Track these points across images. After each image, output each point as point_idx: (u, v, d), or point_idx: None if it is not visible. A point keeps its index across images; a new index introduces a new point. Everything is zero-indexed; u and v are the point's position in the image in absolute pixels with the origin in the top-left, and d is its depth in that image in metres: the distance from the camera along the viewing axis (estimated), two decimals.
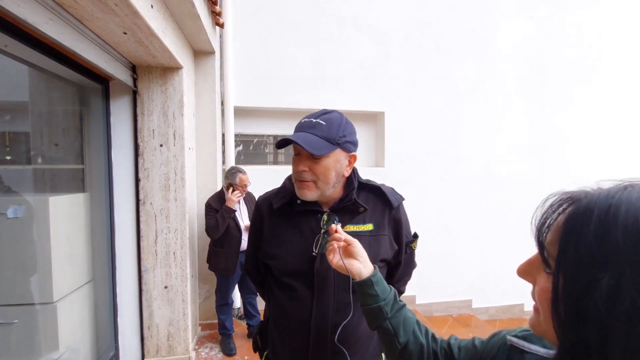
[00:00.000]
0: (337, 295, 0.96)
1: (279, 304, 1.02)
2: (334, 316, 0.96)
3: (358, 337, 0.99)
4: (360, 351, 1.01)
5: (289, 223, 1.02)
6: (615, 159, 4.26)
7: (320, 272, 0.96)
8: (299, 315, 0.97)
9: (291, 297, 0.99)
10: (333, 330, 0.94)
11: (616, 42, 4.27)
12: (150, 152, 2.42)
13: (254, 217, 1.12)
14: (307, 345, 0.97)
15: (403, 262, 1.11)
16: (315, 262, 0.97)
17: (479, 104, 3.93)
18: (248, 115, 3.65)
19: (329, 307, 0.96)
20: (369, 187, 1.06)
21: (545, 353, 0.49)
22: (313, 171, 0.93)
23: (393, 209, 1.05)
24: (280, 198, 1.04)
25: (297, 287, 0.98)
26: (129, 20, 1.63)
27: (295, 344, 1.00)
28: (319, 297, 0.97)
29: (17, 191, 1.87)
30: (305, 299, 0.97)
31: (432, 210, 3.89)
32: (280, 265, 1.02)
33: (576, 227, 0.35)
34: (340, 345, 0.91)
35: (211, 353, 2.83)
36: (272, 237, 1.04)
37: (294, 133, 0.94)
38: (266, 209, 1.07)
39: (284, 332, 1.03)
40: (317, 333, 0.96)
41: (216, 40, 3.11)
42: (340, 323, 0.92)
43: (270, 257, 1.04)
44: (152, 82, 2.40)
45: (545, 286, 0.39)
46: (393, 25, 3.69)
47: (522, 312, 4.22)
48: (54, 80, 2.08)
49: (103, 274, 2.41)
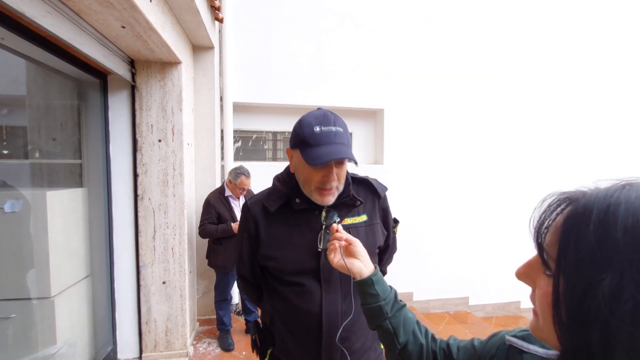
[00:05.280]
0: (343, 285, 1.01)
1: (286, 300, 1.03)
2: (343, 304, 1.00)
3: (362, 323, 1.02)
4: (364, 335, 1.06)
5: (288, 224, 1.03)
6: (615, 159, 4.28)
7: (326, 266, 0.98)
8: (309, 307, 1.00)
9: (299, 292, 1.01)
10: (343, 319, 0.98)
11: (616, 41, 4.27)
12: (149, 148, 2.42)
13: (246, 222, 1.08)
14: (320, 335, 0.99)
15: (390, 246, 1.19)
16: (321, 257, 0.99)
17: (478, 101, 3.93)
18: (247, 111, 3.64)
19: (337, 297, 1.00)
20: (358, 180, 1.11)
21: (544, 353, 0.48)
22: (338, 178, 0.97)
23: (381, 199, 1.12)
24: (275, 200, 1.04)
25: (305, 283, 1.01)
26: (127, 14, 1.62)
27: (307, 336, 1.01)
28: (327, 289, 1.00)
29: (14, 186, 1.86)
30: (314, 292, 1.00)
31: (430, 207, 3.89)
32: (283, 266, 1.02)
33: (575, 227, 0.35)
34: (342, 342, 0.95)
35: (209, 348, 2.84)
36: (271, 239, 1.04)
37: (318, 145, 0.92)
38: (260, 213, 1.05)
39: (295, 326, 1.03)
40: (329, 323, 0.99)
41: (215, 35, 3.09)
42: (347, 311, 0.98)
43: (270, 259, 1.04)
44: (150, 77, 2.39)
45: (545, 289, 0.38)
46: (393, 21, 3.67)
47: (518, 310, 4.25)
48: (51, 74, 2.07)
49: (101, 269, 2.40)
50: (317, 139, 0.92)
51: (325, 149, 0.91)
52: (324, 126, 0.94)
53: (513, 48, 3.99)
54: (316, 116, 0.96)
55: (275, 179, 1.10)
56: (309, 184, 0.97)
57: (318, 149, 0.91)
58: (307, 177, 0.96)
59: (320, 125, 0.94)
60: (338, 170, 0.95)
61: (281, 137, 3.88)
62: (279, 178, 1.09)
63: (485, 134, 3.98)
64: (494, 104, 3.98)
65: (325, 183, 0.95)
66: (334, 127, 0.94)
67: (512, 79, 4.01)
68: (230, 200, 2.83)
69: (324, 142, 0.92)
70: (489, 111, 3.97)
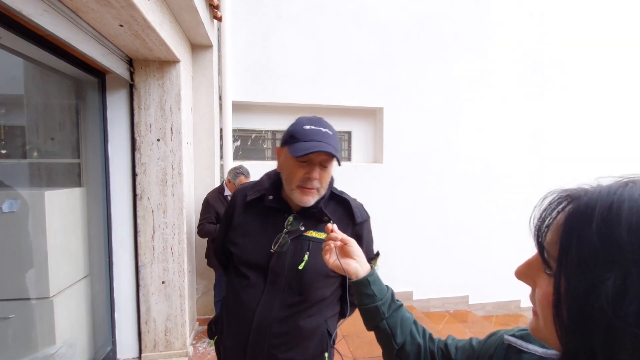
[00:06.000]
0: (285, 293, 1.01)
1: (234, 289, 1.08)
2: (278, 311, 1.00)
3: (298, 335, 1.02)
4: (301, 347, 1.03)
5: (256, 217, 1.08)
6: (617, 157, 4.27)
7: (274, 269, 1.01)
8: (249, 302, 1.02)
9: (244, 284, 1.05)
10: (275, 323, 0.99)
11: (614, 38, 4.26)
12: (147, 147, 2.41)
13: (229, 204, 1.16)
14: (249, 332, 1.01)
15: None
16: (272, 258, 1.01)
17: (478, 100, 3.92)
18: (246, 110, 3.63)
19: (275, 302, 1.01)
20: (338, 198, 1.11)
21: (543, 353, 0.47)
22: (321, 179, 0.99)
23: (356, 225, 1.09)
24: (255, 192, 1.09)
25: (251, 277, 1.04)
26: (125, 13, 1.61)
27: (238, 329, 1.04)
28: (269, 290, 1.02)
29: (13, 185, 1.85)
30: (257, 289, 1.03)
31: (430, 206, 3.89)
32: (241, 254, 1.07)
33: (578, 225, 0.34)
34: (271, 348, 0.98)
35: (209, 348, 2.84)
36: (238, 226, 1.09)
37: (304, 141, 0.95)
38: (240, 199, 1.12)
39: (231, 317, 1.07)
40: (259, 324, 1.00)
41: (214, 34, 3.08)
42: (282, 318, 0.99)
43: (233, 244, 1.09)
44: (149, 75, 2.38)
45: (546, 289, 0.37)
46: (393, 20, 3.66)
47: (518, 309, 4.25)
48: (49, 73, 2.06)
49: (100, 269, 2.40)
50: (305, 135, 0.96)
51: (310, 144, 0.94)
52: (314, 126, 0.97)
53: (512, 44, 3.98)
54: (309, 118, 1.01)
55: (265, 174, 1.15)
56: (292, 181, 0.99)
57: (304, 143, 0.94)
58: (290, 173, 0.99)
59: (311, 125, 0.98)
60: (322, 172, 0.98)
61: (280, 136, 3.87)
62: (268, 173, 1.14)
63: (486, 133, 3.97)
64: (495, 103, 3.97)
65: (307, 181, 0.97)
66: (324, 129, 0.98)
67: (511, 78, 4.00)
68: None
69: (312, 139, 0.95)
70: (490, 110, 3.97)
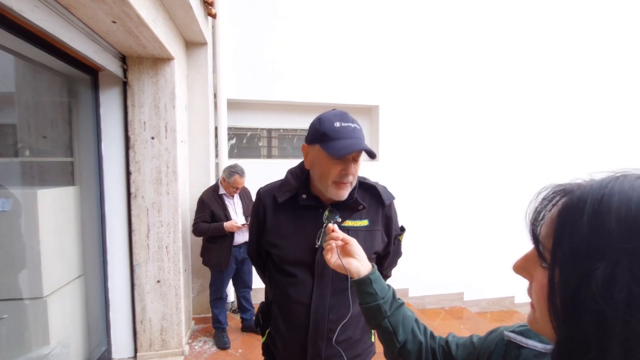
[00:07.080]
0: (335, 281, 1.06)
1: (281, 288, 1.11)
2: (332, 299, 1.06)
3: (351, 315, 1.06)
4: (354, 325, 1.11)
5: (292, 216, 1.10)
6: (609, 154, 4.32)
7: (320, 262, 1.03)
8: (301, 297, 1.07)
9: (293, 282, 1.08)
10: (331, 311, 1.05)
11: (618, 40, 4.30)
12: (142, 145, 2.39)
13: (257, 208, 1.18)
14: (307, 324, 1.06)
15: (391, 253, 1.24)
16: (317, 253, 1.05)
17: (474, 97, 3.94)
18: (241, 108, 3.61)
19: (327, 292, 1.06)
20: (365, 185, 1.16)
21: (543, 348, 0.48)
22: (354, 173, 1.03)
23: (385, 207, 1.16)
24: (285, 192, 1.10)
25: (299, 274, 1.07)
26: (117, 8, 1.59)
27: (296, 322, 1.08)
28: (319, 283, 1.06)
29: (4, 184, 1.82)
30: (307, 285, 1.06)
31: (425, 203, 3.91)
32: (283, 255, 1.09)
33: (570, 218, 0.35)
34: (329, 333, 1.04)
35: (205, 347, 2.83)
36: (275, 228, 1.11)
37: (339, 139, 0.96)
38: (269, 201, 1.13)
39: (287, 312, 1.11)
40: (316, 313, 1.05)
41: (208, 31, 3.06)
42: (336, 304, 1.05)
43: (273, 246, 1.11)
44: (142, 73, 2.35)
45: (542, 281, 0.38)
46: (389, 18, 3.66)
47: (512, 305, 4.30)
48: (41, 71, 2.03)
49: (94, 269, 2.38)
50: (338, 133, 0.97)
51: (346, 142, 0.96)
52: (343, 122, 1.00)
53: (509, 46, 4.00)
54: (335, 114, 1.02)
55: (288, 172, 1.16)
56: (327, 178, 1.01)
57: (339, 142, 0.96)
58: (324, 171, 1.00)
59: (340, 121, 1.00)
60: (355, 165, 1.02)
61: (276, 134, 3.86)
62: (292, 172, 1.15)
63: (480, 131, 4.00)
64: (489, 101, 3.99)
65: (343, 177, 1.00)
66: (353, 124, 1.01)
67: (507, 76, 4.02)
68: (225, 199, 2.81)
69: (345, 136, 0.97)
70: (484, 108, 3.99)
